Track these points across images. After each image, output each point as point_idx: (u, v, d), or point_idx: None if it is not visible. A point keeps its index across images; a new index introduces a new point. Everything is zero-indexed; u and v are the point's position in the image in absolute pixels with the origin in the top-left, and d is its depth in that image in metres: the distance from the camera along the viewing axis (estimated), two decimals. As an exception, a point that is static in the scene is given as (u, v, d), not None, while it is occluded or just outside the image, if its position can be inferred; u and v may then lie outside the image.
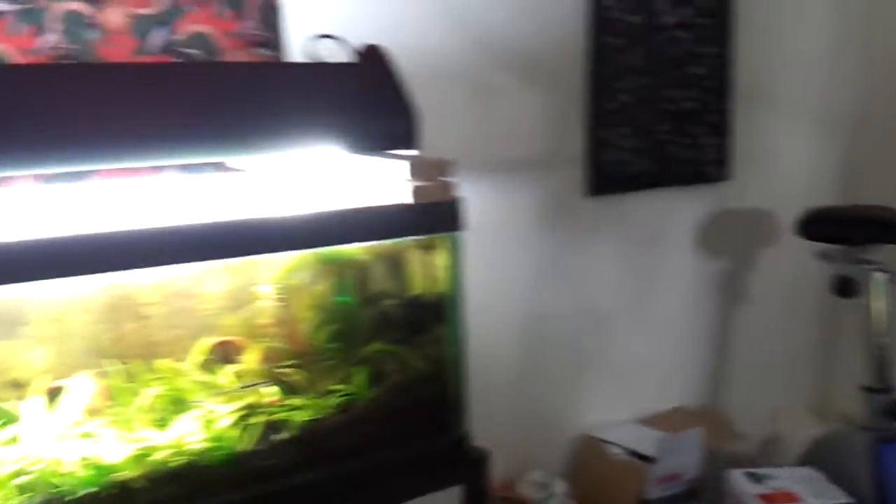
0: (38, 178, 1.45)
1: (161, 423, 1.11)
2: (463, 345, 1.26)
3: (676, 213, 2.35)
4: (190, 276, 1.22)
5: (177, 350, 1.17)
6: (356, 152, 1.25)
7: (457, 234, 1.20)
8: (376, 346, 1.25)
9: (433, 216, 1.16)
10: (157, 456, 1.08)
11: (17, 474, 1.02)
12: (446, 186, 1.16)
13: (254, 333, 1.23)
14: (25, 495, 1.02)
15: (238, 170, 1.47)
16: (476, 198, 1.48)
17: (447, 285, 1.22)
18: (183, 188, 1.46)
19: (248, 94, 1.26)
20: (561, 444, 2.28)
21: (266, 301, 1.23)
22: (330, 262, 1.23)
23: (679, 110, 2.27)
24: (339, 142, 1.24)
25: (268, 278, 1.22)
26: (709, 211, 2.41)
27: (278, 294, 1.24)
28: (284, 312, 1.24)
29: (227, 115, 1.25)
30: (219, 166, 1.53)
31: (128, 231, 1.05)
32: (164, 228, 1.07)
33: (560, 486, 2.16)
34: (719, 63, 2.32)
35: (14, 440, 1.04)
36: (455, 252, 1.21)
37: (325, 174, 1.32)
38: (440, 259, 1.23)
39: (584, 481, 2.24)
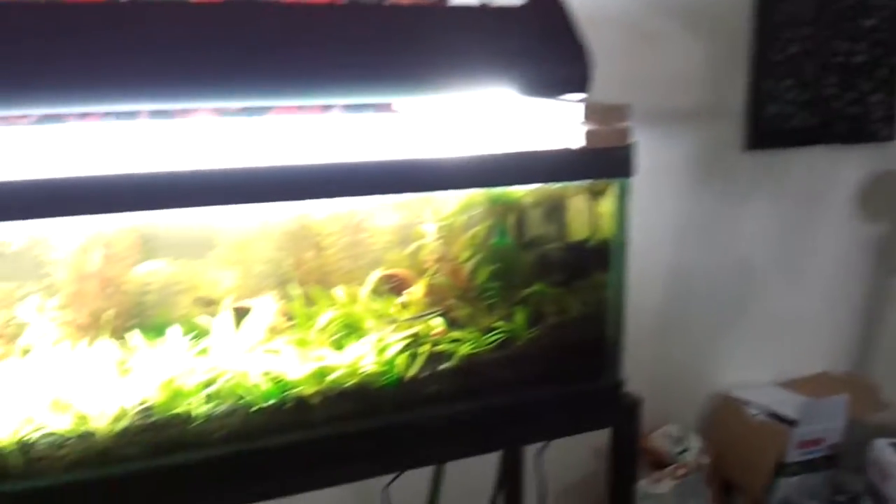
0: (218, 111, 1.54)
1: (336, 346, 1.18)
2: (624, 292, 1.26)
3: (837, 171, 2.22)
4: (364, 211, 1.27)
5: (350, 279, 1.23)
6: (527, 95, 1.25)
7: (627, 180, 1.19)
8: (537, 287, 1.27)
9: (606, 161, 1.15)
10: (333, 376, 1.15)
11: (207, 384, 1.12)
12: (621, 131, 1.14)
13: (420, 268, 1.27)
14: (212, 403, 1.11)
15: (405, 112, 1.50)
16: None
17: (613, 231, 1.22)
18: (352, 128, 1.51)
19: (421, 35, 1.28)
20: (698, 401, 2.25)
21: (433, 238, 1.27)
22: (497, 204, 1.26)
23: (847, 64, 2.13)
24: (510, 84, 1.25)
25: (436, 217, 1.26)
26: (872, 171, 2.27)
27: (445, 232, 1.27)
28: (450, 250, 1.27)
29: (397, 55, 1.28)
30: (385, 108, 1.58)
31: (308, 164, 1.10)
32: (342, 164, 1.12)
33: (695, 442, 2.14)
34: (892, 15, 2.15)
35: (204, 352, 1.13)
36: (624, 198, 1.20)
37: (494, 117, 1.33)
38: (607, 205, 1.23)
39: (720, 440, 2.21)
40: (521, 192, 1.25)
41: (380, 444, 1.20)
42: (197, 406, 1.10)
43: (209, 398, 1.11)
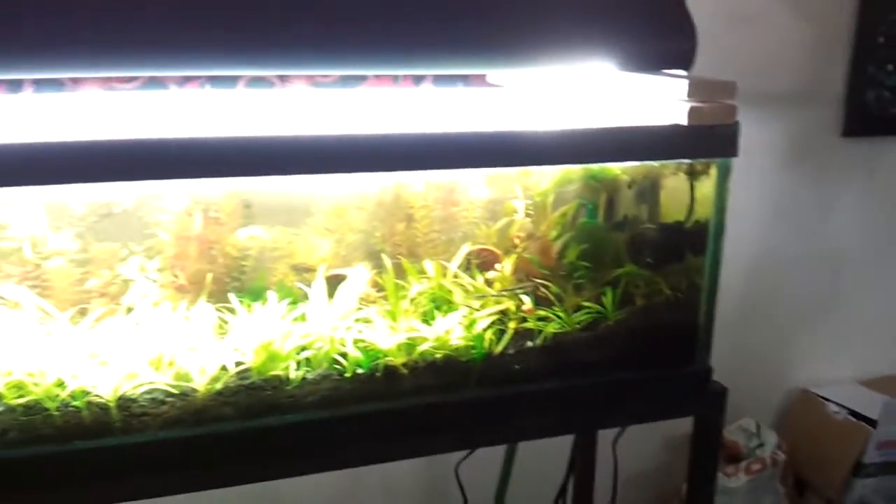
0: (313, 81, 1.56)
1: (425, 318, 1.18)
2: (717, 277, 1.23)
3: (938, 162, 2.12)
4: (456, 184, 1.27)
5: (440, 253, 1.24)
6: (627, 69, 1.22)
7: (729, 160, 1.15)
8: (628, 268, 1.25)
9: (708, 140, 1.12)
10: (422, 347, 1.16)
11: (301, 349, 1.14)
12: (727, 109, 1.11)
13: (509, 245, 1.27)
14: (305, 369, 1.13)
15: (501, 85, 1.49)
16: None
17: (710, 213, 1.19)
18: (444, 100, 1.51)
19: (520, 5, 1.26)
20: (776, 395, 2.20)
21: (523, 214, 1.26)
22: (593, 181, 1.24)
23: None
24: (610, 58, 1.22)
25: (528, 192, 1.25)
26: (974, 163, 2.16)
27: (536, 208, 1.26)
28: (540, 227, 1.26)
29: (495, 26, 1.26)
30: (479, 81, 1.57)
31: (405, 134, 1.10)
32: (439, 135, 1.11)
33: (771, 437, 2.09)
34: None
35: (300, 318, 1.15)
36: (724, 179, 1.17)
37: (592, 91, 1.31)
38: (705, 185, 1.20)
39: (797, 436, 2.15)
40: (616, 169, 1.23)
41: (461, 418, 1.21)
42: (291, 370, 1.12)
43: (303, 363, 1.13)
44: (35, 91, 1.44)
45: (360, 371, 1.14)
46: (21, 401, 1.02)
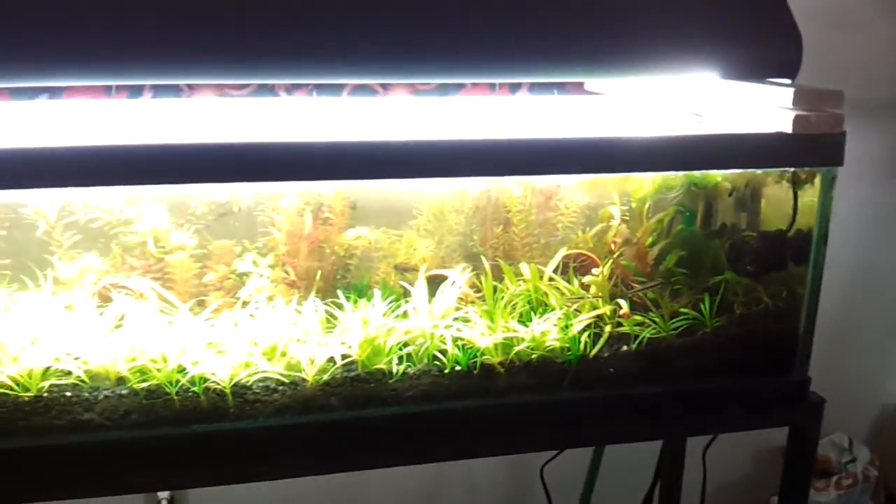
0: (411, 88, 1.61)
1: (522, 319, 1.21)
2: (818, 287, 1.22)
3: None
4: (553, 189, 1.29)
5: (536, 256, 1.26)
6: (732, 78, 1.23)
7: (834, 169, 1.14)
8: (727, 275, 1.25)
9: (813, 148, 1.12)
10: (518, 347, 1.18)
11: (404, 345, 1.18)
12: (832, 119, 1.10)
13: (605, 250, 1.28)
14: (406, 364, 1.17)
15: (600, 93, 1.51)
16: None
17: (813, 222, 1.18)
18: (541, 107, 1.54)
19: (623, 12, 1.28)
20: (868, 410, 2.14)
21: (621, 220, 1.28)
22: (694, 187, 1.24)
23: None
24: (715, 67, 1.23)
25: (626, 198, 1.26)
26: None
27: (633, 214, 1.27)
28: (637, 233, 1.28)
29: (596, 33, 1.28)
30: (576, 89, 1.60)
31: (504, 140, 1.13)
32: (540, 140, 1.14)
33: (863, 453, 2.04)
34: None
35: (403, 316, 1.19)
36: (828, 189, 1.16)
37: (695, 99, 1.31)
38: (807, 194, 1.19)
39: (890, 452, 2.09)
40: (717, 176, 1.23)
41: (554, 418, 1.23)
42: (392, 364, 1.17)
43: (404, 359, 1.18)
44: (153, 96, 1.54)
45: (458, 368, 1.18)
46: (144, 385, 1.10)
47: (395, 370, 1.16)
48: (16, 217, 1.21)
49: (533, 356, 1.20)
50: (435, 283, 1.24)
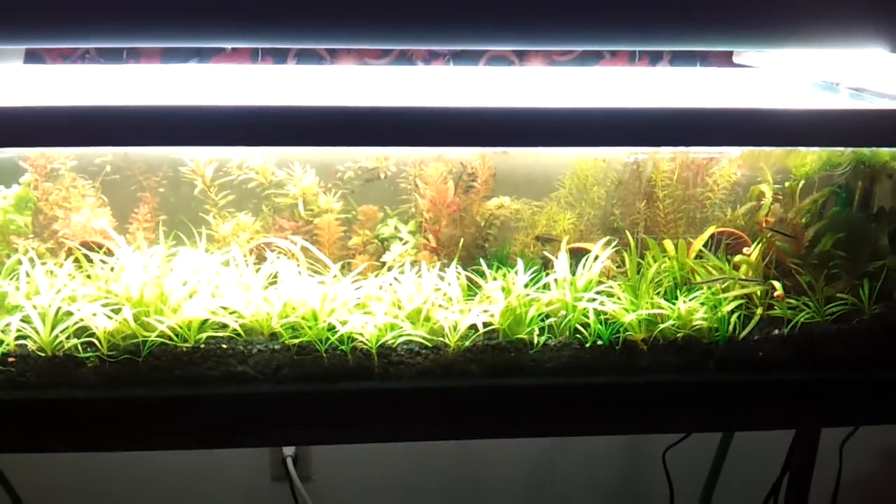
0: (547, 58, 1.59)
1: (668, 296, 1.18)
2: None
3: None
4: (702, 163, 1.25)
5: (682, 232, 1.23)
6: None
7: None
8: (890, 261, 1.18)
9: None
10: (663, 325, 1.16)
11: (546, 316, 1.17)
12: None
13: (756, 229, 1.23)
14: (547, 336, 1.17)
15: (750, 66, 1.45)
16: None
17: None
18: (685, 79, 1.49)
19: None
20: None
21: (774, 199, 1.23)
22: (862, 165, 1.18)
23: None
24: (883, 40, 1.15)
25: (781, 175, 1.21)
26: None
27: (786, 193, 1.22)
28: (791, 213, 1.22)
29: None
30: (716, 61, 1.54)
31: (651, 108, 1.10)
32: (686, 109, 1.10)
33: None
34: None
35: (545, 287, 1.19)
36: None
37: (857, 74, 1.24)
38: None
39: None
40: (886, 155, 1.16)
41: (695, 400, 1.20)
42: (532, 334, 1.16)
43: (546, 330, 1.17)
44: (297, 63, 1.57)
45: (599, 343, 1.16)
46: (295, 341, 1.13)
47: (535, 341, 1.15)
48: (174, 175, 1.28)
49: (678, 335, 1.17)
50: (576, 256, 1.23)
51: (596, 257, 1.20)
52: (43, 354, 1.09)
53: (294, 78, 1.48)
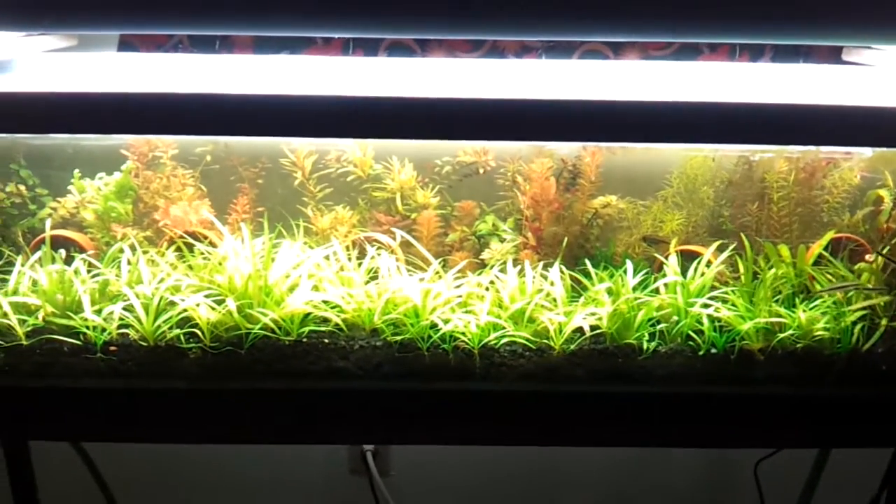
0: (643, 52, 1.54)
1: (785, 304, 1.13)
2: None
3: None
4: (819, 164, 1.19)
5: (797, 237, 1.17)
6: None
7: None
8: None
9: None
10: (782, 333, 1.10)
11: (656, 321, 1.13)
12: None
13: (878, 236, 1.17)
14: (658, 342, 1.12)
15: (862, 64, 1.38)
16: None
17: None
18: (789, 76, 1.42)
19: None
20: None
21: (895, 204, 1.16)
22: None
23: None
24: None
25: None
26: None
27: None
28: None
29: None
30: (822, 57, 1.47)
31: (760, 104, 1.04)
32: (797, 106, 1.04)
33: None
34: None
35: (655, 291, 1.14)
36: None
37: None
38: None
39: None
40: None
41: (808, 413, 1.13)
42: (642, 339, 1.11)
43: (657, 335, 1.12)
44: (388, 55, 1.55)
45: (713, 351, 1.11)
46: (397, 338, 1.10)
47: (645, 347, 1.11)
48: (273, 167, 1.26)
49: (798, 345, 1.11)
50: (685, 258, 1.18)
51: (709, 262, 1.14)
52: (145, 344, 1.08)
53: (385, 70, 1.45)
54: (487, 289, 1.15)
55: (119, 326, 1.09)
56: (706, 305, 1.11)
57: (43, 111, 1.06)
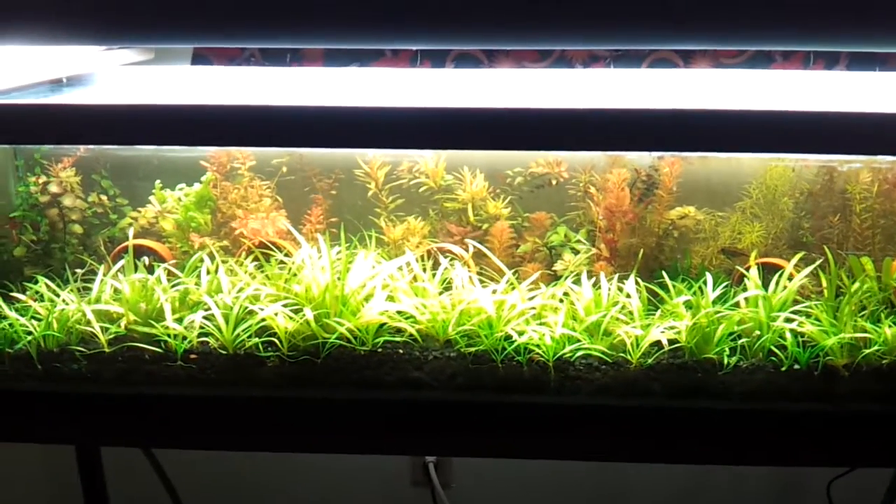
0: (714, 60, 1.51)
1: (871, 319, 1.09)
2: None
3: None
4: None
5: (881, 250, 1.13)
6: None
7: None
8: None
9: None
10: (868, 350, 1.07)
11: (737, 336, 1.10)
12: None
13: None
14: (738, 357, 1.09)
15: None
16: None
17: None
18: (867, 85, 1.39)
19: None
20: None
21: None
22: None
23: None
24: None
25: None
26: None
27: None
28: None
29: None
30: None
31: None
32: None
33: None
34: None
35: (734, 305, 1.11)
36: None
37: None
38: None
39: None
40: None
41: (880, 431, 1.10)
42: (725, 356, 1.08)
43: (737, 350, 1.09)
44: (455, 66, 1.55)
45: (796, 367, 1.08)
46: (471, 350, 1.10)
47: (725, 362, 1.08)
48: (346, 177, 1.27)
49: (884, 361, 1.07)
50: (767, 271, 1.15)
51: (791, 276, 1.12)
52: (224, 352, 1.10)
53: (453, 81, 1.46)
54: (561, 300, 1.14)
55: (199, 335, 1.11)
56: (789, 320, 1.08)
57: (124, 123, 1.09)
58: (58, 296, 1.16)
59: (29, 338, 1.11)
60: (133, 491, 1.63)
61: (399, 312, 1.12)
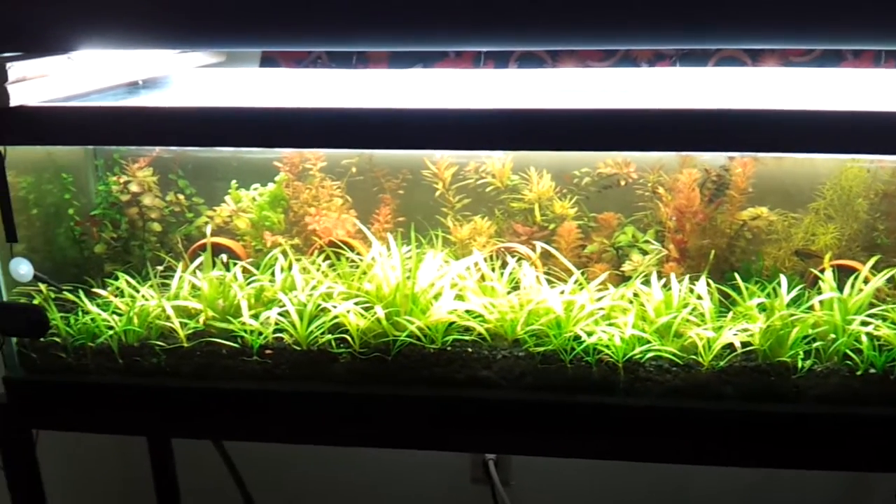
0: (782, 58, 1.49)
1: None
2: None
3: None
4: None
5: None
6: None
7: None
8: None
9: None
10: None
11: (811, 339, 1.08)
12: None
13: None
14: (813, 360, 1.08)
15: None
16: None
17: None
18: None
19: None
20: None
21: None
22: None
23: None
24: None
25: None
26: None
27: None
28: None
29: None
30: None
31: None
32: None
33: None
34: None
35: (809, 307, 1.10)
36: None
37: None
38: None
39: None
40: None
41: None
42: (800, 359, 1.07)
43: (812, 353, 1.08)
44: (518, 66, 1.56)
45: (872, 371, 1.06)
46: (540, 349, 1.11)
47: (800, 365, 1.07)
48: (414, 178, 1.29)
49: (959, 368, 1.04)
50: (839, 273, 1.13)
51: (866, 279, 1.09)
52: (298, 348, 1.12)
53: (517, 81, 1.46)
54: (631, 301, 1.14)
55: (274, 331, 1.13)
56: (865, 323, 1.06)
57: (200, 125, 1.12)
58: (137, 291, 1.20)
59: (110, 332, 1.15)
60: (202, 484, 1.68)
61: (468, 311, 1.13)
